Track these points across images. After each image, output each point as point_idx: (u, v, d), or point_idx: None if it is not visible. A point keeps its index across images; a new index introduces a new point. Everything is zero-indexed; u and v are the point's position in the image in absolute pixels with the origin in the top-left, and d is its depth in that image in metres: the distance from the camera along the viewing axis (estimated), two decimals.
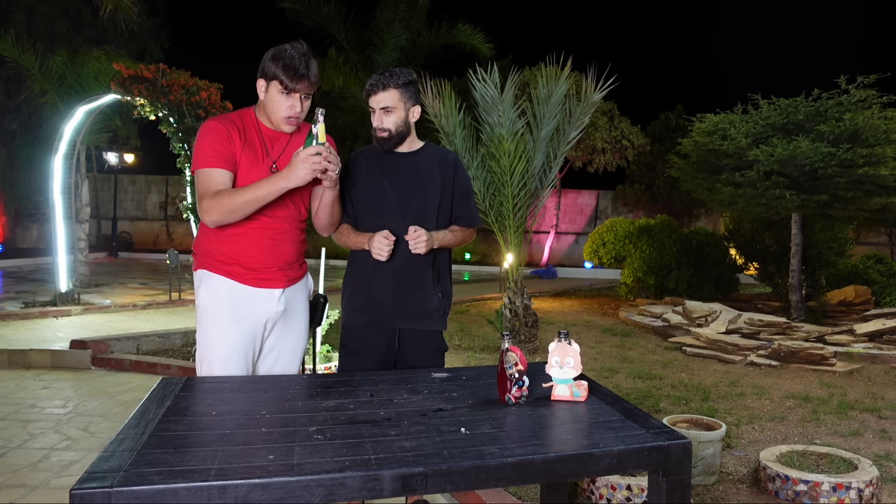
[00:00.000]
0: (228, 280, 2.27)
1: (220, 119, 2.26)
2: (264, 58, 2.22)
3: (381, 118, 2.44)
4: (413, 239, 2.36)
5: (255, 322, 2.31)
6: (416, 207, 2.48)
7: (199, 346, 2.33)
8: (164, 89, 6.04)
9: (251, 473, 1.34)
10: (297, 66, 2.17)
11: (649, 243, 9.93)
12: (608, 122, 14.23)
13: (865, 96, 6.99)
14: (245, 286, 2.27)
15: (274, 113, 2.23)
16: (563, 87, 5.83)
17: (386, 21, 12.56)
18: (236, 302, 2.27)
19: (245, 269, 2.27)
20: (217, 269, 2.27)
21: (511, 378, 1.84)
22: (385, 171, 2.51)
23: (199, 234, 2.35)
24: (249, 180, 2.20)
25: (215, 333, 2.27)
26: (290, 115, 2.22)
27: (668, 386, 5.06)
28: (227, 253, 2.26)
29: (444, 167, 2.54)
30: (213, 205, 2.14)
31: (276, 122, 2.26)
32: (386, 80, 2.40)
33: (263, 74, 2.21)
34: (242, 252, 2.26)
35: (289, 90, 2.18)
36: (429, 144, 2.61)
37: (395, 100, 2.42)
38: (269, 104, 2.23)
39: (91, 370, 5.43)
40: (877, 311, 7.28)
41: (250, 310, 2.29)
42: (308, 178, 2.10)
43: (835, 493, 2.90)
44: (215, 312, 2.27)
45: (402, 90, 2.42)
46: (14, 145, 15.59)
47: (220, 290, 2.27)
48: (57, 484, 3.16)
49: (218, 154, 2.18)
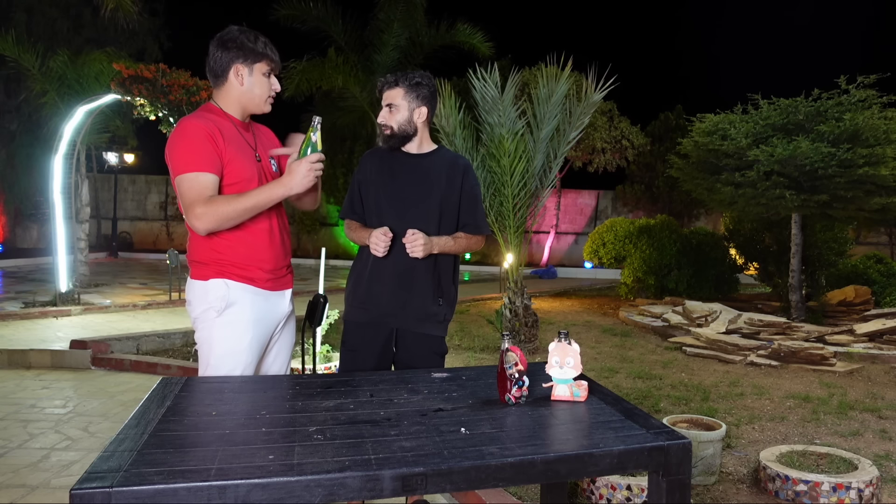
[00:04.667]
0: (250, 287, 2.17)
1: (199, 117, 2.11)
2: (231, 48, 2.12)
3: (386, 115, 2.48)
4: (410, 242, 2.36)
5: (271, 327, 2.27)
6: (417, 209, 2.48)
7: (212, 357, 2.16)
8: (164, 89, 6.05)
9: (251, 473, 1.34)
10: (268, 44, 2.17)
11: (649, 243, 9.93)
12: (608, 122, 14.23)
13: (865, 96, 6.99)
14: (266, 291, 2.21)
15: (259, 95, 2.17)
16: (563, 87, 5.83)
17: (385, 21, 12.56)
18: (260, 310, 2.20)
19: (264, 272, 2.20)
20: (237, 276, 2.15)
21: (511, 378, 1.84)
22: (394, 171, 2.52)
23: (202, 242, 2.16)
24: (241, 177, 2.13)
25: (234, 345, 2.16)
26: (271, 95, 2.21)
27: (668, 386, 5.06)
28: (245, 257, 2.16)
29: (452, 172, 2.54)
30: (208, 212, 2.02)
31: (258, 106, 2.20)
32: (396, 78, 2.47)
33: (241, 59, 2.12)
34: (259, 255, 2.18)
35: (271, 71, 2.18)
36: (441, 148, 2.62)
37: (399, 98, 2.46)
38: (250, 88, 2.16)
39: (91, 370, 5.43)
40: (877, 311, 7.28)
41: (270, 316, 2.25)
42: (310, 185, 2.08)
43: (835, 493, 2.90)
44: (236, 322, 2.15)
45: (409, 90, 2.45)
46: (14, 145, 15.59)
47: (243, 299, 2.16)
48: (57, 484, 3.15)
49: (204, 156, 2.05)
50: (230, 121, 2.18)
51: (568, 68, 5.89)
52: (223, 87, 2.18)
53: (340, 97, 13.98)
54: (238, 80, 2.15)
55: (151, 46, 17.33)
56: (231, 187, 2.12)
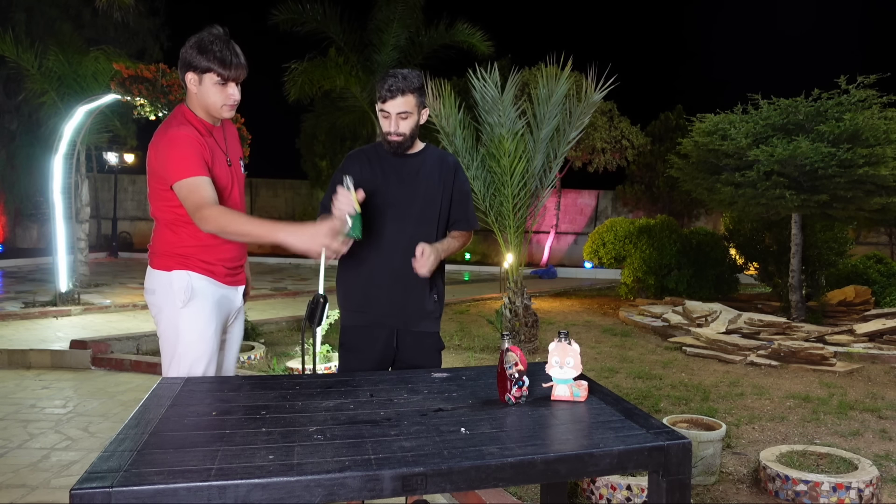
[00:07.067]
0: (210, 279, 2.33)
1: (185, 125, 2.22)
2: (187, 50, 2.18)
3: (398, 123, 2.41)
4: (423, 266, 2.32)
5: (226, 317, 2.43)
6: (417, 211, 2.48)
7: (179, 346, 2.28)
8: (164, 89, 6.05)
9: (251, 473, 1.34)
10: (229, 57, 2.18)
11: (649, 243, 9.93)
12: (608, 122, 14.22)
13: (865, 96, 6.99)
14: (224, 285, 2.38)
15: (213, 104, 2.23)
16: (563, 87, 5.83)
17: (384, 21, 12.55)
18: (218, 300, 2.35)
19: (225, 267, 2.37)
20: (200, 268, 2.30)
21: (511, 378, 1.84)
22: (386, 174, 2.49)
23: (170, 236, 2.28)
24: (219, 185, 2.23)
25: (201, 332, 2.30)
26: (227, 104, 2.25)
27: (668, 386, 5.06)
28: (212, 254, 2.31)
29: (444, 169, 2.54)
30: (217, 218, 2.10)
31: (215, 112, 2.26)
32: (403, 85, 2.37)
33: (192, 67, 2.18)
34: (225, 254, 2.35)
35: (226, 80, 2.20)
36: (429, 146, 2.60)
37: (411, 105, 2.41)
38: (204, 96, 2.22)
39: (91, 370, 5.43)
40: (877, 311, 7.28)
41: (226, 306, 2.40)
42: (314, 254, 2.07)
43: (835, 493, 2.90)
44: (201, 311, 2.30)
45: (417, 95, 2.42)
46: (14, 145, 15.59)
47: (205, 290, 2.31)
48: (57, 484, 3.16)
49: (197, 162, 2.16)
50: (203, 126, 2.28)
51: (568, 68, 5.89)
52: (187, 92, 2.28)
53: (340, 97, 13.96)
54: (193, 87, 2.23)
55: (151, 46, 17.32)
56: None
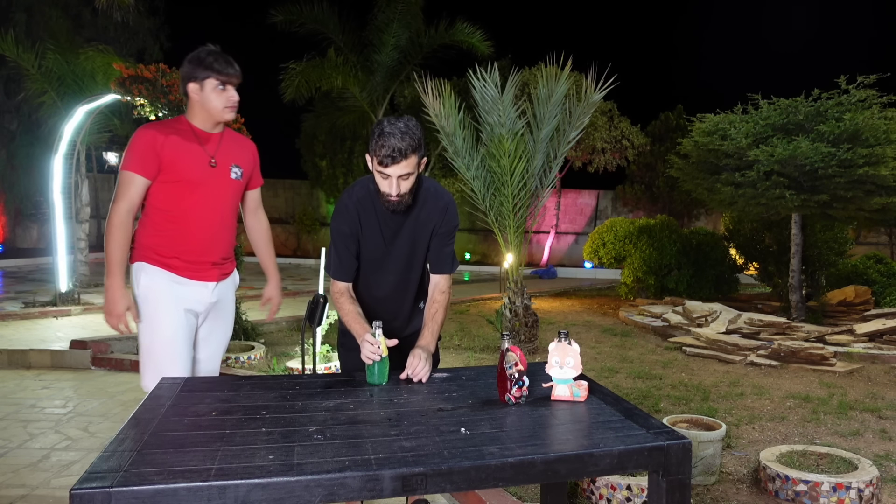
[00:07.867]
0: (167, 272, 2.47)
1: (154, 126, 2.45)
2: (185, 66, 2.44)
3: (399, 184, 2.18)
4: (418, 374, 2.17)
5: (192, 308, 2.52)
6: (406, 259, 2.42)
7: (143, 333, 2.47)
8: (164, 89, 6.03)
9: (251, 473, 1.34)
10: (226, 61, 2.44)
11: (649, 243, 9.93)
12: (608, 122, 14.21)
13: (865, 96, 6.99)
14: (182, 277, 2.48)
15: (215, 107, 2.44)
16: (563, 87, 5.83)
17: (384, 21, 12.54)
18: (175, 289, 2.47)
19: (183, 262, 2.48)
20: (156, 261, 2.46)
21: (511, 378, 1.84)
22: (386, 222, 2.36)
23: (139, 228, 2.53)
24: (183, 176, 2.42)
25: (162, 315, 2.44)
26: (228, 105, 2.45)
27: (668, 386, 5.06)
28: (168, 247, 2.46)
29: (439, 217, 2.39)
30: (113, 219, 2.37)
31: (217, 115, 2.46)
32: (404, 146, 2.11)
33: (192, 78, 2.42)
34: (182, 248, 2.47)
35: (225, 83, 2.43)
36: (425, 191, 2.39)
37: (413, 165, 2.17)
38: (206, 102, 2.44)
39: (91, 370, 5.43)
40: (877, 311, 7.28)
41: (188, 296, 2.50)
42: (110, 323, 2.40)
43: (835, 493, 2.90)
44: (158, 296, 2.45)
45: (419, 151, 2.19)
46: (14, 145, 15.57)
47: (160, 280, 2.46)
48: (57, 484, 3.16)
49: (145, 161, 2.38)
50: (191, 130, 2.47)
51: (568, 68, 5.89)
52: (188, 103, 2.50)
53: (340, 97, 13.96)
54: (196, 96, 2.45)
55: (151, 46, 17.30)
56: (175, 184, 2.43)
